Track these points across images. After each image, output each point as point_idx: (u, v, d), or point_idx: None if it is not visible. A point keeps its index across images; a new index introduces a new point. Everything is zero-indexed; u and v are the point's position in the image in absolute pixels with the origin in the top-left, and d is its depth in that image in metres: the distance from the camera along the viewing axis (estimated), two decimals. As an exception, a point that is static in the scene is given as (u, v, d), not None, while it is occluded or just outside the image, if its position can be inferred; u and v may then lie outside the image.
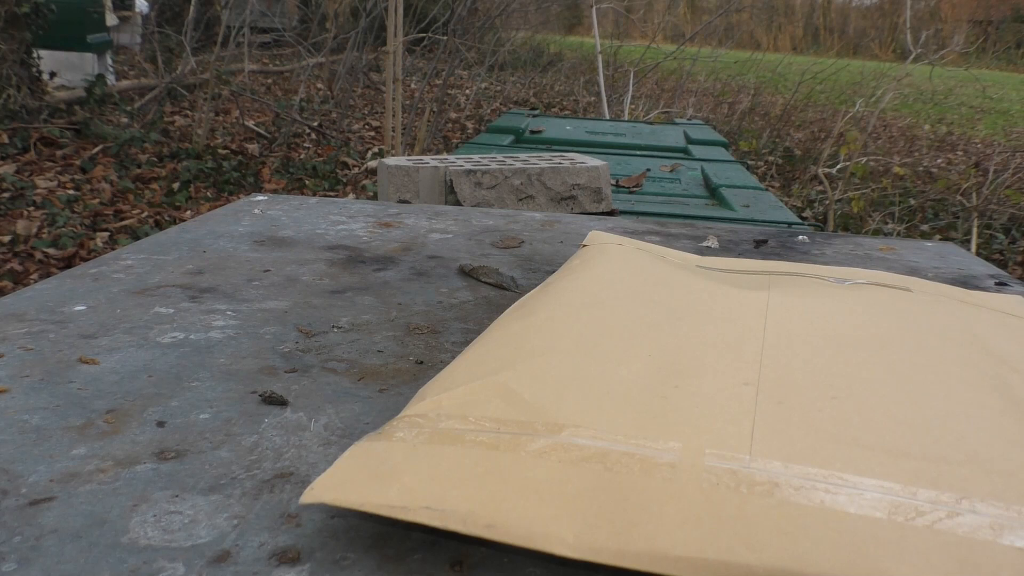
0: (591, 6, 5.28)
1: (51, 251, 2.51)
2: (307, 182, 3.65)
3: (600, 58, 5.12)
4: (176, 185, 3.31)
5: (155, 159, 3.71)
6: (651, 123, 2.98)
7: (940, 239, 3.25)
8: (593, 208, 1.23)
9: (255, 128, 4.54)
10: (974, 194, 3.62)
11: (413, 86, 6.21)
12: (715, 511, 0.29)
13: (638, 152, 2.21)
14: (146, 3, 6.67)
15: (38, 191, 3.03)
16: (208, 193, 3.36)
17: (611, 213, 1.24)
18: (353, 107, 5.53)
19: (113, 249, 2.53)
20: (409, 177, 1.19)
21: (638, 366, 0.40)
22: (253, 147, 4.17)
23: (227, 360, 0.48)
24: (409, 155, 2.21)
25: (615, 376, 0.38)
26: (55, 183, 3.19)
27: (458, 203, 1.20)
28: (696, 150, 2.26)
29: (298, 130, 4.58)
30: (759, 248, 0.81)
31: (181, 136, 4.17)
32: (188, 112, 4.88)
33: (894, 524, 0.28)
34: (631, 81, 5.29)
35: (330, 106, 5.40)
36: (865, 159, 4.44)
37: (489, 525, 0.29)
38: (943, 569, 0.27)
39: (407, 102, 4.64)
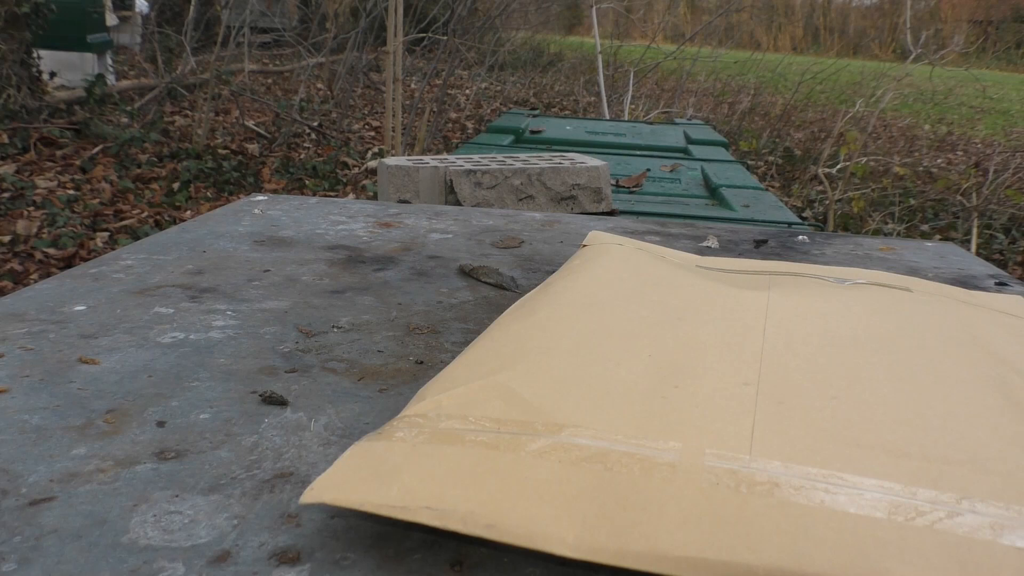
0: (591, 6, 5.28)
1: (51, 251, 2.51)
2: (307, 182, 3.65)
3: (600, 58, 5.12)
4: (176, 185, 3.31)
5: (155, 159, 3.71)
6: (651, 123, 2.99)
7: (940, 239, 3.25)
8: (593, 208, 1.23)
9: (255, 128, 4.54)
10: (974, 194, 3.62)
11: (413, 86, 6.21)
12: (715, 511, 0.29)
13: (638, 152, 2.21)
14: (146, 3, 6.67)
15: (38, 191, 3.03)
16: (208, 193, 3.36)
17: (611, 213, 1.24)
18: (353, 107, 5.53)
19: (113, 249, 2.53)
20: (409, 177, 1.19)
21: (638, 366, 0.40)
22: (253, 147, 4.17)
23: (227, 360, 0.48)
24: (409, 155, 2.21)
25: (615, 376, 0.38)
26: (55, 183, 3.19)
27: (458, 203, 1.20)
28: (696, 150, 2.26)
29: (298, 130, 4.58)
30: (759, 248, 0.81)
31: (181, 136, 4.17)
32: (188, 112, 4.88)
33: (894, 524, 0.28)
34: (631, 81, 5.29)
35: (330, 106, 5.40)
36: (865, 159, 4.44)
37: (489, 525, 0.29)
38: (943, 569, 0.27)
39: (407, 102, 4.64)
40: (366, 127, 5.16)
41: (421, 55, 6.71)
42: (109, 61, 5.43)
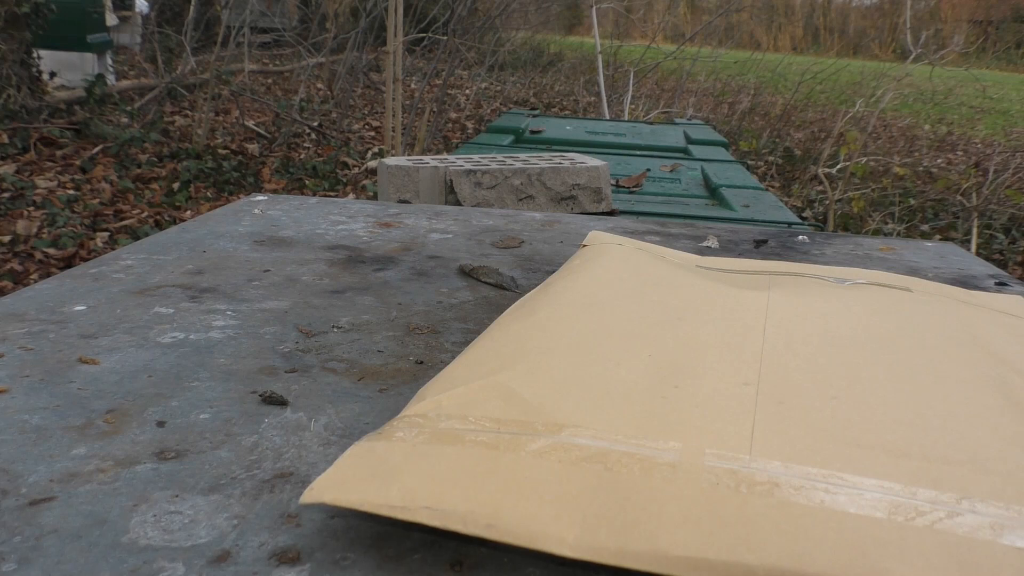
0: (591, 6, 5.28)
1: (51, 251, 2.51)
2: (307, 182, 3.65)
3: (600, 58, 5.12)
4: (176, 185, 3.31)
5: (155, 159, 3.71)
6: (651, 123, 2.99)
7: (940, 239, 3.25)
8: (593, 208, 1.23)
9: (255, 128, 4.54)
10: (974, 194, 3.62)
11: (413, 86, 6.21)
12: (715, 511, 0.29)
13: (638, 152, 2.21)
14: (146, 3, 6.67)
15: (38, 191, 3.03)
16: (208, 193, 3.36)
17: (611, 213, 1.24)
18: (353, 107, 5.53)
19: (113, 249, 2.53)
20: (409, 177, 1.19)
21: (638, 366, 0.40)
22: (253, 147, 4.17)
23: (227, 360, 0.48)
24: (409, 155, 2.21)
25: (615, 376, 0.38)
26: (55, 183, 3.19)
27: (458, 203, 1.20)
28: (696, 150, 2.26)
29: (298, 130, 4.58)
30: (759, 248, 0.81)
31: (181, 136, 4.17)
32: (188, 112, 4.88)
33: (894, 524, 0.28)
34: (631, 81, 5.29)
35: (330, 106, 5.40)
36: (865, 159, 4.44)
37: (489, 525, 0.29)
38: (943, 569, 0.27)
39: (407, 102, 4.63)
40: (366, 127, 5.16)
41: (421, 55, 6.71)
42: (109, 61, 5.44)
